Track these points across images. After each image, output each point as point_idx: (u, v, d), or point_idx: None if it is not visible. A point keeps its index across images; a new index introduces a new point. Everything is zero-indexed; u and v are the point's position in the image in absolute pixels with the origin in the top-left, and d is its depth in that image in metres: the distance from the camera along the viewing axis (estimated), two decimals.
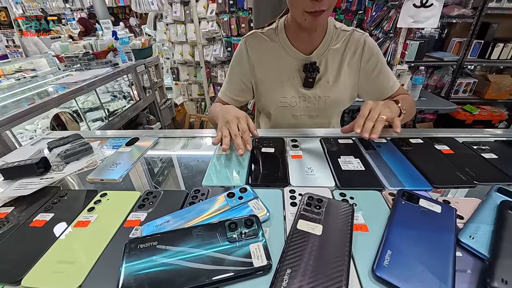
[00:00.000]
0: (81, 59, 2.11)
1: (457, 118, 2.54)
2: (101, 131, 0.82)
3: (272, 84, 0.78)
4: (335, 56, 0.76)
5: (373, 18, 2.05)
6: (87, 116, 1.95)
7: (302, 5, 0.60)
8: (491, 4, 2.29)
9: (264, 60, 0.78)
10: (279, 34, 0.76)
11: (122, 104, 2.24)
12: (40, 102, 1.47)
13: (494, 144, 0.63)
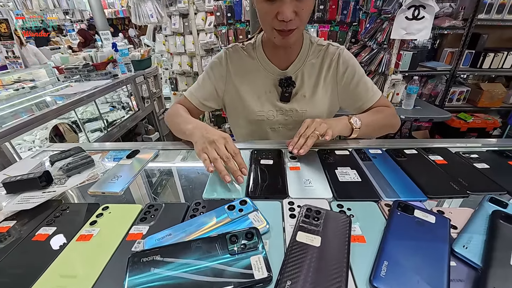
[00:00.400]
0: (81, 71, 2.13)
1: (452, 126, 2.59)
2: (102, 143, 0.83)
3: (249, 97, 0.78)
4: (312, 71, 0.77)
5: (367, 30, 2.11)
6: (86, 127, 1.96)
7: (271, 24, 0.62)
8: (480, 16, 2.37)
9: (242, 73, 0.79)
10: (257, 49, 0.78)
11: (121, 115, 2.26)
12: (40, 114, 1.49)
13: (486, 154, 0.65)
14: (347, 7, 2.38)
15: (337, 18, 2.43)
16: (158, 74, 2.63)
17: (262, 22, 0.65)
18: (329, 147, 0.67)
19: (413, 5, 1.75)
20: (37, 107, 2.01)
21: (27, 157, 0.77)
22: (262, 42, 0.78)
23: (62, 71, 2.26)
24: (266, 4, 0.59)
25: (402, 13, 1.78)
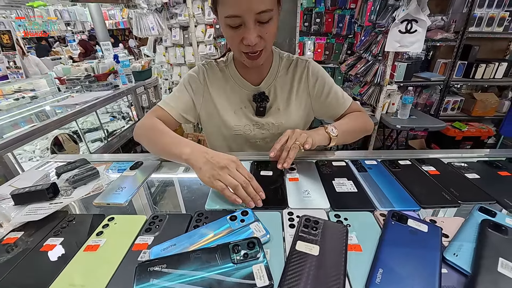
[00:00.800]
0: (82, 82, 2.17)
1: (447, 135, 2.63)
2: (106, 154, 0.85)
3: (226, 112, 0.80)
4: (283, 85, 0.80)
5: (362, 42, 2.17)
6: (86, 137, 1.98)
7: (238, 47, 0.64)
8: (471, 29, 2.45)
9: (218, 89, 0.80)
10: (229, 66, 0.80)
11: (121, 125, 2.29)
12: (42, 124, 1.51)
13: (477, 164, 0.67)
14: (343, 20, 2.46)
15: (333, 30, 2.51)
16: (158, 85, 2.68)
17: (231, 46, 0.68)
18: (326, 158, 0.70)
19: (406, 19, 1.82)
20: (37, 117, 2.03)
21: (31, 168, 0.79)
22: (233, 60, 0.80)
23: (64, 81, 2.29)
24: (232, 31, 0.61)
25: (395, 27, 1.85)
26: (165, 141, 0.66)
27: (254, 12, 0.57)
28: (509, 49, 2.89)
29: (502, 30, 2.48)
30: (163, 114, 0.76)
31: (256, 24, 0.60)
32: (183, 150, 0.60)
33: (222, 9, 0.60)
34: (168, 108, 0.76)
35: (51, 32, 8.37)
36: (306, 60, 0.82)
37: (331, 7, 2.46)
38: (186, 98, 0.79)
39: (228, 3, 0.58)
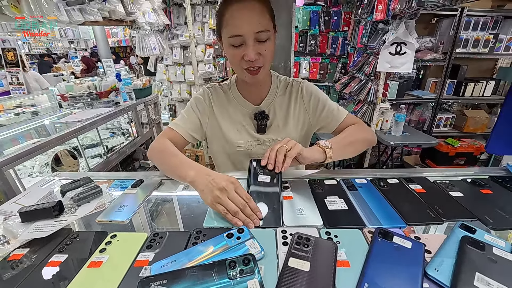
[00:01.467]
0: (84, 99, 2.22)
1: (441, 151, 2.69)
2: (109, 172, 0.88)
3: (229, 130, 0.86)
4: (282, 104, 0.88)
5: (355, 62, 2.28)
6: (86, 153, 2.01)
7: (240, 65, 0.72)
8: (458, 50, 2.58)
9: (222, 109, 0.88)
10: (231, 89, 0.88)
11: (120, 141, 2.32)
12: (44, 141, 1.54)
13: (461, 183, 0.71)
14: (336, 42, 2.59)
15: (327, 51, 2.63)
16: (158, 101, 2.75)
17: (233, 65, 0.76)
18: (319, 177, 0.73)
19: (395, 42, 1.93)
20: (38, 133, 2.07)
21: (33, 184, 0.82)
22: (236, 83, 0.89)
23: (66, 98, 2.35)
24: (234, 49, 0.70)
25: (385, 49, 1.95)
26: (173, 163, 0.72)
27: (253, 32, 0.67)
28: (496, 69, 3.03)
29: (488, 51, 2.61)
30: (173, 135, 0.83)
31: (256, 42, 0.69)
32: (188, 173, 0.65)
33: (226, 31, 0.70)
34: (178, 128, 0.84)
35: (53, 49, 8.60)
36: (301, 81, 0.91)
37: (325, 29, 2.60)
38: (193, 119, 0.86)
39: (231, 24, 0.68)
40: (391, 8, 1.80)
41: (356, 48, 2.35)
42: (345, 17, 2.55)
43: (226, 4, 0.68)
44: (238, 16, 0.67)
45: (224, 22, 0.69)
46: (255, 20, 0.67)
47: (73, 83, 2.50)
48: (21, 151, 1.38)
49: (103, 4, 1.84)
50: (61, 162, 1.83)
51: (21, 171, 1.79)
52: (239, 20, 0.67)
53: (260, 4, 0.68)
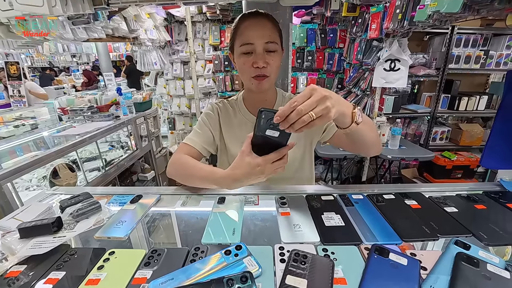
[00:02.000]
0: (85, 112, 2.25)
1: (438, 164, 2.71)
2: (107, 187, 0.88)
3: (235, 146, 0.89)
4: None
5: (351, 78, 2.34)
6: (84, 166, 2.00)
7: (249, 73, 0.77)
8: (450, 66, 2.66)
9: (229, 124, 0.91)
10: (239, 105, 0.92)
11: (119, 154, 2.32)
12: (43, 155, 1.54)
13: (456, 198, 0.73)
14: (333, 58, 2.67)
15: (324, 67, 2.71)
16: (158, 115, 2.78)
17: (242, 73, 0.81)
18: (316, 192, 0.74)
19: (389, 59, 1.99)
20: (36, 145, 2.07)
21: (32, 198, 0.82)
22: (243, 99, 0.93)
23: (67, 112, 2.38)
24: (245, 57, 0.76)
25: (380, 65, 2.01)
26: (198, 170, 0.74)
27: (263, 42, 0.74)
28: (488, 83, 3.11)
29: (479, 67, 2.69)
30: (188, 149, 0.86)
31: (264, 52, 0.75)
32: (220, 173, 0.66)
33: (239, 41, 0.77)
34: (192, 143, 0.86)
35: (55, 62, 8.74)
36: None
37: (321, 46, 2.68)
38: (207, 133, 0.89)
39: (244, 34, 0.76)
40: (384, 27, 1.88)
41: (352, 64, 2.42)
42: (341, 34, 2.64)
43: (241, 19, 0.78)
44: (250, 27, 0.75)
45: (238, 34, 0.77)
46: (266, 32, 0.75)
47: (74, 97, 2.53)
48: (19, 165, 1.38)
49: (107, 22, 1.90)
50: (57, 175, 1.82)
51: (18, 184, 1.78)
52: (251, 31, 0.75)
53: (271, 22, 0.77)
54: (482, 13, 1.14)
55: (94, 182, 1.89)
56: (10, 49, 2.50)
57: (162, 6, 2.13)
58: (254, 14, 0.78)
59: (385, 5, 1.89)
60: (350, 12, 2.19)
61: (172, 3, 0.91)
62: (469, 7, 1.15)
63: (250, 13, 0.79)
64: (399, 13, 1.76)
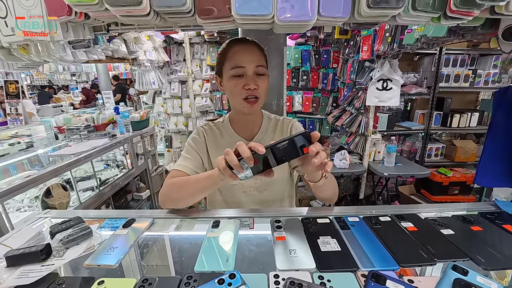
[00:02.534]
0: (81, 131, 2.25)
1: (434, 181, 2.71)
2: (100, 211, 0.87)
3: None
4: (272, 140, 0.91)
5: (346, 97, 2.39)
6: (78, 186, 1.97)
7: (240, 95, 0.79)
8: (441, 84, 2.74)
9: (215, 146, 0.91)
10: (226, 126, 0.93)
11: (114, 173, 2.30)
12: (36, 175, 1.52)
13: (452, 220, 0.72)
14: (327, 78, 2.74)
15: (318, 86, 2.78)
16: (155, 133, 2.78)
17: (233, 96, 0.82)
18: (312, 215, 0.74)
19: (381, 79, 2.05)
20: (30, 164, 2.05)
21: (21, 221, 0.80)
22: (230, 120, 0.94)
23: (63, 130, 2.37)
24: (236, 80, 0.79)
25: (373, 85, 2.07)
26: (192, 181, 0.74)
27: (254, 65, 0.78)
28: (479, 100, 3.20)
29: (469, 85, 2.78)
30: (178, 174, 0.84)
31: (255, 75, 0.79)
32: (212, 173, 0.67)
33: (229, 65, 0.80)
34: (182, 167, 0.85)
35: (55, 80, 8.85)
36: (291, 120, 0.98)
37: (315, 66, 2.77)
38: (195, 157, 0.89)
39: (235, 58, 0.79)
40: (375, 49, 1.96)
41: (346, 84, 2.49)
42: (334, 55, 2.73)
43: (229, 44, 0.82)
44: (240, 52, 0.79)
45: (227, 58, 0.80)
46: (255, 57, 0.79)
47: (71, 116, 2.54)
48: (11, 186, 1.35)
49: (107, 44, 1.96)
50: (50, 194, 1.78)
51: (9, 205, 1.74)
52: (242, 55, 0.78)
53: (258, 49, 0.82)
54: (467, 37, 1.19)
55: (88, 202, 1.85)
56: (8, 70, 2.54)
57: (160, 31, 2.21)
58: (243, 40, 0.82)
59: (375, 29, 1.98)
60: (342, 35, 2.28)
61: (169, 29, 0.95)
62: (453, 32, 1.21)
63: (238, 39, 0.83)
64: (388, 36, 1.84)
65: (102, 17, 0.74)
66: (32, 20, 0.79)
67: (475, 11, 0.62)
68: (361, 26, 1.11)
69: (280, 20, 0.63)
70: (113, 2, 0.61)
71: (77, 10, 0.69)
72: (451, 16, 0.63)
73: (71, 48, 1.55)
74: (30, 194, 1.84)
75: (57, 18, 0.73)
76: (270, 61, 1.29)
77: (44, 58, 1.29)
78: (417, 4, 0.61)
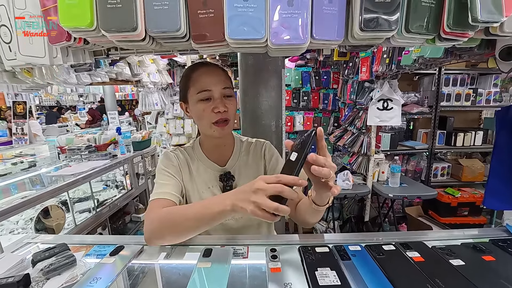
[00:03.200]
0: (82, 152, 2.25)
1: (442, 201, 2.61)
2: (88, 236, 0.83)
3: (193, 195, 0.82)
4: (246, 164, 0.89)
5: (346, 117, 2.39)
6: (75, 207, 1.93)
7: (209, 119, 0.76)
8: (442, 103, 2.72)
9: (187, 172, 0.84)
10: (196, 151, 0.87)
11: (113, 194, 2.27)
12: (32, 196, 1.50)
13: (461, 248, 0.67)
14: (327, 98, 2.77)
15: (319, 106, 2.79)
16: (156, 153, 2.78)
17: (201, 120, 0.78)
18: (310, 243, 0.69)
19: (382, 99, 2.06)
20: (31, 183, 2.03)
21: (10, 244, 0.77)
22: (200, 145, 0.88)
23: (65, 151, 2.38)
24: (203, 104, 0.76)
25: (373, 105, 2.07)
26: (194, 212, 0.63)
27: (220, 87, 0.77)
28: (482, 119, 3.16)
29: (470, 104, 2.76)
30: (160, 203, 0.72)
31: (222, 97, 0.77)
32: (225, 202, 0.57)
33: (194, 89, 0.77)
34: (162, 195, 0.74)
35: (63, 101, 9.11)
36: (264, 142, 0.94)
37: (316, 87, 2.81)
38: (171, 181, 0.79)
39: (200, 82, 0.76)
40: (374, 70, 1.98)
41: (346, 104, 2.50)
42: (334, 76, 2.78)
43: (192, 69, 0.80)
44: (205, 75, 0.77)
45: (191, 82, 0.78)
46: (220, 78, 0.78)
47: (73, 136, 2.56)
48: (7, 206, 1.33)
49: (110, 67, 2.02)
50: (49, 215, 1.74)
51: (3, 226, 1.70)
52: (207, 78, 0.76)
53: (222, 70, 0.81)
54: (464, 58, 1.20)
55: (83, 225, 1.81)
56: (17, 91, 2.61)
57: (160, 55, 2.29)
58: (205, 63, 0.81)
59: (373, 51, 2.02)
60: (341, 57, 2.33)
61: (168, 53, 0.96)
62: (451, 53, 1.21)
63: (201, 62, 0.82)
64: (386, 57, 1.87)
65: (100, 42, 0.75)
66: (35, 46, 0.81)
67: (469, 33, 0.61)
68: (357, 48, 1.12)
69: (273, 44, 0.63)
70: (109, 28, 0.62)
71: (75, 36, 0.71)
72: (445, 37, 0.63)
73: (74, 72, 1.59)
74: (26, 216, 1.81)
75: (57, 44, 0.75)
76: (268, 83, 1.31)
77: (47, 80, 1.32)
78: (410, 26, 0.61)
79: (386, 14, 0.58)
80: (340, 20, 0.64)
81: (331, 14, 0.64)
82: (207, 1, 0.64)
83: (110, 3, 0.60)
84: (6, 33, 0.84)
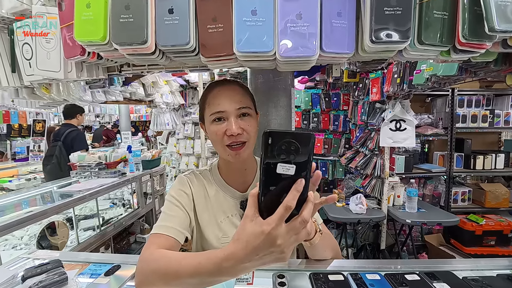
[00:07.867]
0: (92, 169, 2.27)
1: (465, 229, 2.42)
2: (85, 253, 0.80)
3: (209, 225, 0.75)
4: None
5: (358, 138, 2.34)
6: (80, 224, 1.90)
7: (222, 142, 0.69)
8: (458, 125, 2.63)
9: (203, 199, 0.77)
10: (214, 175, 0.80)
11: (119, 212, 2.24)
12: (38, 211, 1.49)
13: (497, 280, 0.59)
14: (338, 119, 2.74)
15: (330, 127, 2.76)
16: (165, 173, 2.78)
17: (215, 143, 0.72)
18: (322, 270, 0.62)
19: (394, 119, 2.01)
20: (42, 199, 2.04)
21: (10, 260, 0.74)
22: (218, 168, 0.81)
23: (75, 168, 2.41)
24: (217, 125, 0.69)
25: (386, 126, 2.02)
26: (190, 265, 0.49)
27: (235, 108, 0.68)
28: (501, 141, 3.02)
29: (488, 125, 2.64)
30: (160, 241, 0.64)
31: (238, 118, 0.69)
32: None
33: (209, 110, 0.71)
34: (165, 230, 0.66)
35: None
36: None
37: (326, 108, 2.80)
38: (178, 213, 0.72)
39: (213, 103, 0.70)
40: (384, 91, 1.96)
41: (357, 125, 2.46)
42: (344, 98, 2.77)
43: (209, 88, 0.74)
44: (220, 95, 0.70)
45: (207, 103, 0.72)
46: (236, 98, 0.70)
47: (86, 154, 2.61)
48: (11, 220, 1.31)
49: (125, 87, 2.10)
50: (55, 232, 1.72)
51: (8, 241, 1.68)
52: (221, 99, 0.69)
53: (240, 88, 0.73)
54: (480, 75, 1.16)
55: (87, 243, 1.76)
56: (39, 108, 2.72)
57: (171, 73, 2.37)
58: (222, 82, 0.75)
59: (383, 71, 2.01)
60: (351, 78, 2.33)
61: (178, 70, 0.98)
62: (465, 70, 1.18)
63: (218, 81, 0.75)
64: (397, 77, 1.85)
65: (112, 57, 0.77)
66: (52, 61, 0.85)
67: (487, 43, 0.58)
68: (368, 65, 1.11)
69: (282, 56, 0.62)
70: (120, 41, 0.63)
71: (89, 50, 0.73)
72: (461, 49, 0.60)
73: (89, 89, 1.66)
74: (31, 231, 1.79)
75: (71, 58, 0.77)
76: (278, 102, 1.29)
77: (64, 97, 1.37)
78: (423, 37, 0.59)
79: (397, 26, 0.57)
80: (350, 33, 0.63)
81: (341, 27, 0.63)
82: (216, 17, 0.66)
83: (122, 17, 0.61)
84: (28, 50, 0.89)
